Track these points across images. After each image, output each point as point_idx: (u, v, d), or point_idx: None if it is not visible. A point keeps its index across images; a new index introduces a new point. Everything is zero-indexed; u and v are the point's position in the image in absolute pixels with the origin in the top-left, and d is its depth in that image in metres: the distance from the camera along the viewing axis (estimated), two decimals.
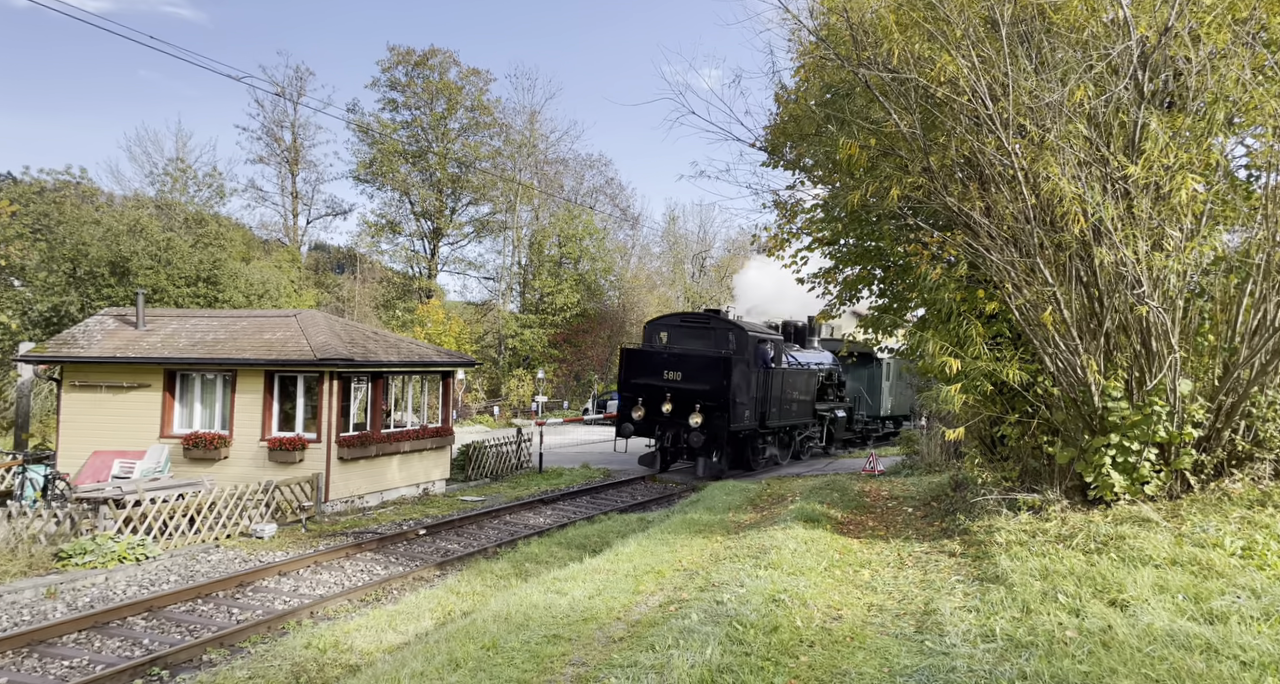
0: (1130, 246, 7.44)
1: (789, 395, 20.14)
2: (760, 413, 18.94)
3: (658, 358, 18.70)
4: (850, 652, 5.28)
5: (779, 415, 19.76)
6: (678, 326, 19.47)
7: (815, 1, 9.33)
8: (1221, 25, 7.19)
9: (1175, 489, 7.99)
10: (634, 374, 18.83)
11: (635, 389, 18.66)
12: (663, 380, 18.29)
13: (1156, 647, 4.89)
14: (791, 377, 20.34)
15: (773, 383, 19.15)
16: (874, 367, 27.30)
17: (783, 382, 19.71)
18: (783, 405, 19.85)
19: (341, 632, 7.14)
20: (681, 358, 18.44)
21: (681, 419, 17.96)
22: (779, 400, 19.60)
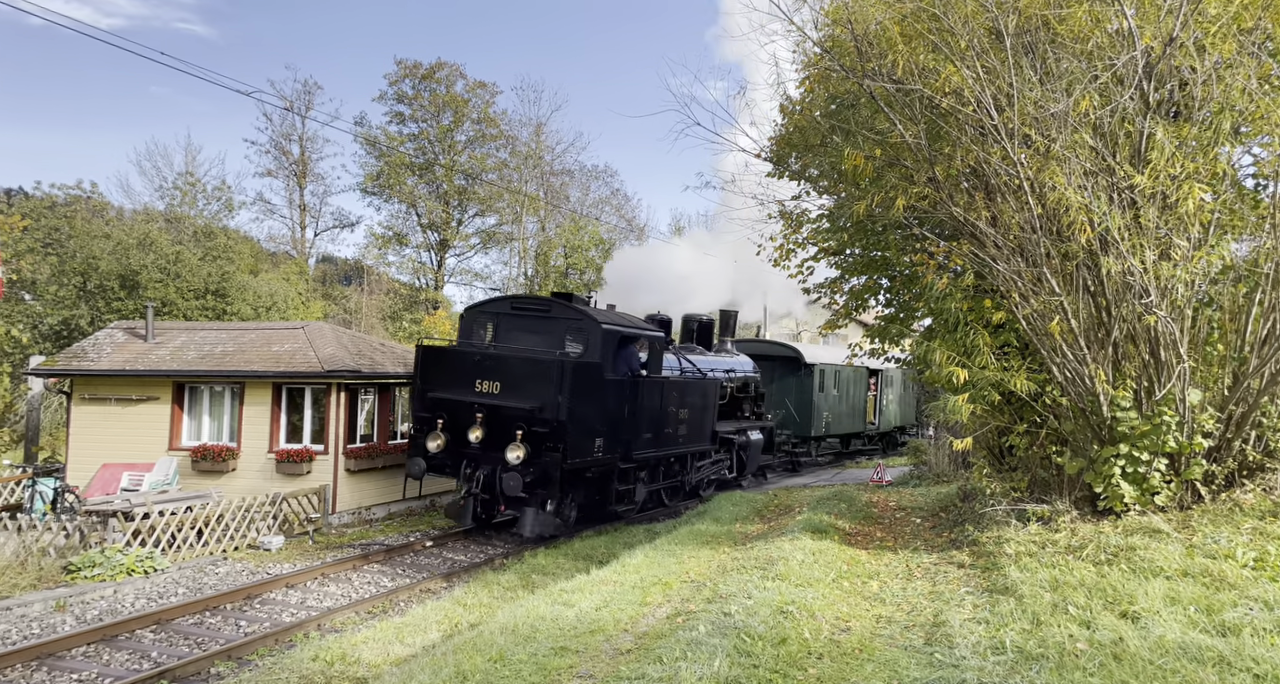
0: (1137, 256, 7.43)
1: (673, 414, 13.96)
2: (623, 440, 12.72)
3: (468, 360, 12.28)
4: (859, 664, 5.25)
5: (655, 442, 13.50)
6: (508, 315, 13.05)
7: (820, 13, 9.38)
8: (1227, 35, 7.20)
9: (1186, 500, 7.94)
10: (434, 384, 12.40)
11: (434, 406, 12.26)
12: (473, 394, 12.02)
13: (1168, 659, 4.84)
14: (678, 389, 14.13)
15: (645, 397, 12.95)
16: (803, 374, 21.47)
17: (663, 395, 13.54)
18: (662, 428, 13.63)
19: (349, 644, 7.13)
20: (501, 361, 12.08)
21: (498, 451, 11.61)
22: (656, 421, 13.38)
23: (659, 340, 13.84)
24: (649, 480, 14.04)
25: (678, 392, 14.22)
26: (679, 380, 14.44)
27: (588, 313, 12.61)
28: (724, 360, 17.58)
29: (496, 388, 11.97)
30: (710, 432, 15.70)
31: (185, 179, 39.20)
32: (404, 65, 46.00)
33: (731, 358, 18.08)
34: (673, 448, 14.31)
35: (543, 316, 12.86)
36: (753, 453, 17.47)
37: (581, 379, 11.76)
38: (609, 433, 12.41)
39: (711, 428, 15.72)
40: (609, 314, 13.43)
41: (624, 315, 14.09)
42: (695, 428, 15.04)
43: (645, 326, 13.89)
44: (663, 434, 13.80)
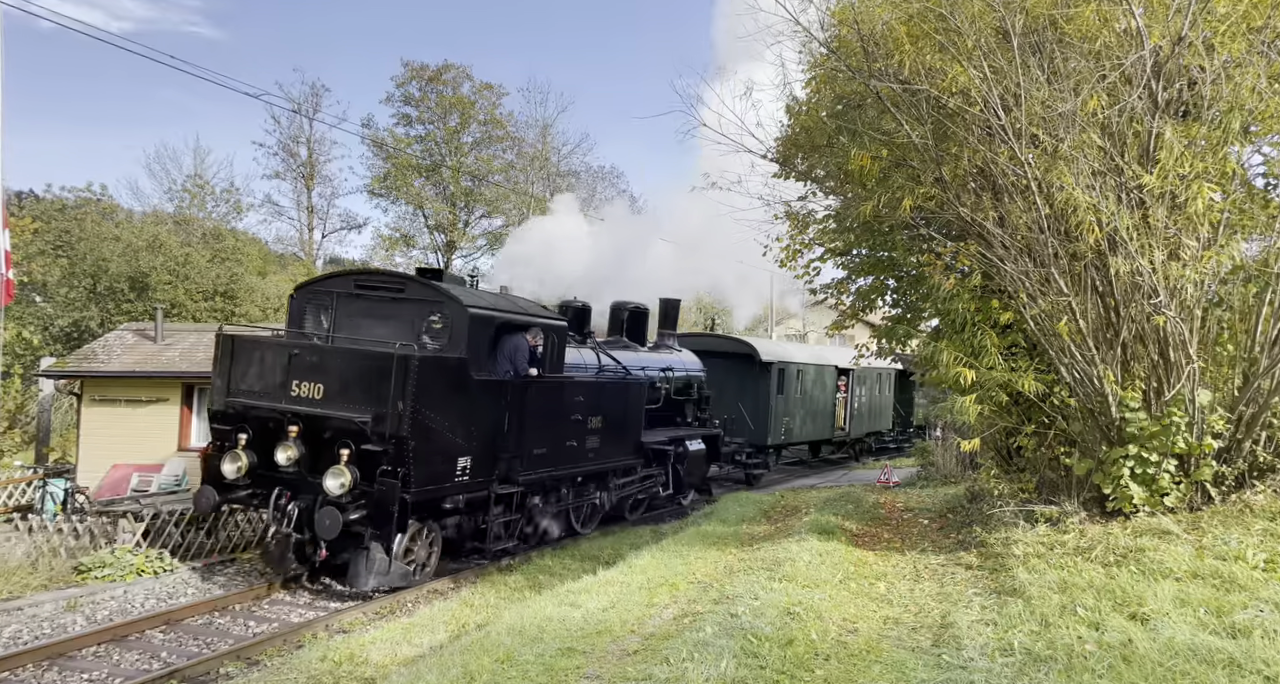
0: (1146, 256, 7.40)
1: (580, 423, 11.21)
2: (503, 458, 9.91)
3: (281, 355, 9.25)
4: (866, 665, 5.24)
5: (553, 459, 10.68)
6: (350, 296, 9.95)
7: (826, 14, 9.37)
8: (1236, 34, 7.16)
9: (1195, 501, 7.90)
10: (237, 386, 9.42)
11: (235, 416, 9.34)
12: (288, 399, 9.04)
13: (1178, 661, 4.82)
14: (588, 392, 11.36)
15: (537, 402, 10.29)
16: (758, 373, 18.34)
17: (565, 400, 10.85)
18: (563, 441, 10.89)
19: (357, 645, 7.15)
20: (325, 356, 9.09)
21: (319, 476, 8.75)
22: (554, 433, 10.70)
23: (558, 331, 10.78)
24: (547, 506, 11.08)
25: (588, 395, 11.28)
26: (590, 382, 11.56)
27: (450, 293, 9.47)
28: (660, 357, 14.78)
29: (319, 392, 8.90)
30: (636, 442, 12.67)
31: (194, 181, 39.42)
32: (411, 67, 46.15)
33: (671, 354, 15.28)
34: (580, 465, 11.29)
35: (395, 298, 9.73)
36: (692, 466, 14.44)
37: (435, 380, 8.71)
38: (480, 450, 9.37)
39: (637, 438, 12.66)
40: (483, 296, 10.29)
41: (509, 298, 11.00)
42: (614, 439, 11.98)
43: (539, 313, 10.79)
44: (564, 448, 10.83)
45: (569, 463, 11.17)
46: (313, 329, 10.20)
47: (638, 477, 13.28)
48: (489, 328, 9.84)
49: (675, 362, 15.23)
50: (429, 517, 9.37)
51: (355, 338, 9.66)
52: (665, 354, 15.21)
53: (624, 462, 12.69)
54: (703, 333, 23.07)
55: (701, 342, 18.27)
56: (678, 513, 14.27)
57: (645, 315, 15.30)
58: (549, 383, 10.62)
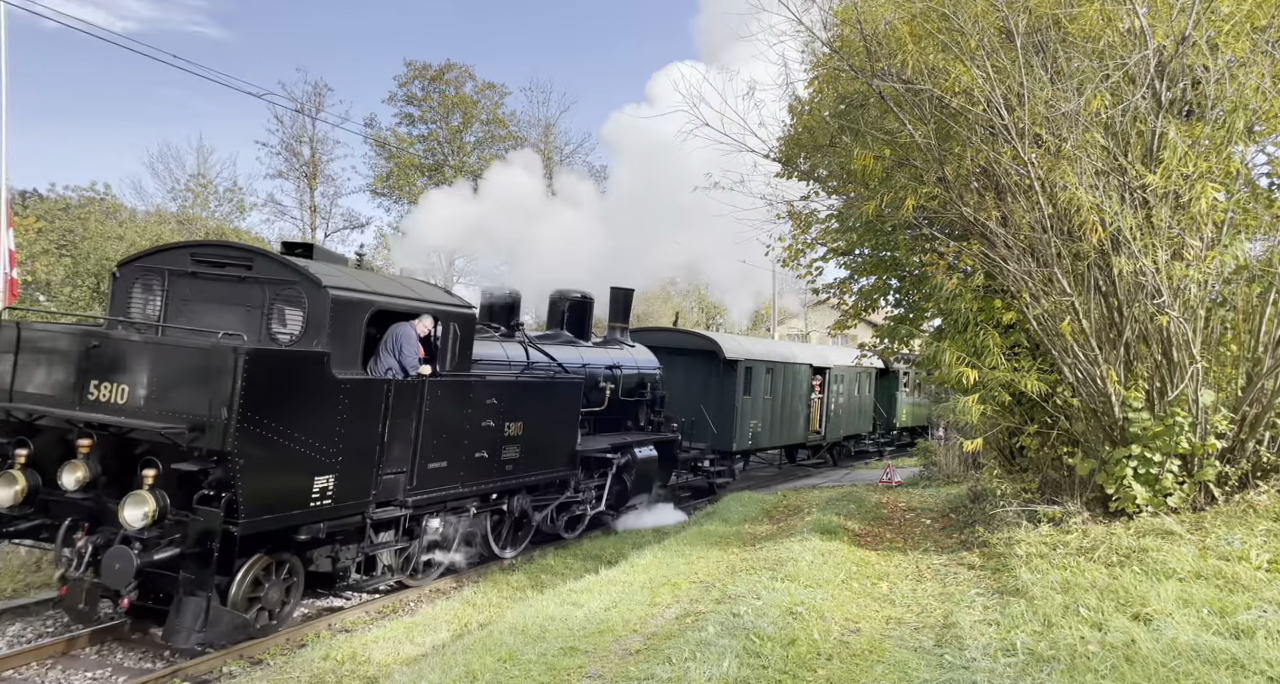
0: (1149, 256, 7.39)
1: (493, 431, 9.33)
2: (383, 475, 7.98)
3: (75, 348, 7.21)
4: (869, 665, 5.24)
5: (454, 474, 8.83)
6: (186, 275, 7.95)
7: (829, 13, 9.37)
8: (1240, 33, 7.15)
9: (1199, 501, 7.89)
10: (19, 388, 7.41)
11: (9, 429, 7.35)
12: (82, 405, 7.07)
13: (1181, 661, 4.82)
14: (504, 393, 9.44)
15: (432, 406, 8.38)
16: (723, 372, 16.69)
17: (471, 403, 8.95)
18: (470, 452, 9.00)
19: (359, 644, 7.16)
20: (129, 351, 7.06)
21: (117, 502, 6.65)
22: (455, 443, 8.77)
23: (462, 320, 8.79)
24: (449, 529, 9.19)
25: (505, 397, 9.34)
26: (506, 382, 9.60)
27: (307, 271, 7.45)
28: (607, 353, 13.02)
29: (124, 396, 6.98)
30: (569, 451, 10.81)
31: (197, 181, 39.48)
32: (414, 67, 46.19)
33: (620, 351, 13.54)
34: (493, 480, 9.40)
35: (241, 277, 7.69)
36: (640, 476, 12.62)
37: (277, 380, 6.81)
38: (349, 466, 7.44)
39: (571, 446, 10.82)
40: (358, 277, 8.15)
41: (396, 280, 9.13)
42: (540, 448, 10.11)
43: (437, 299, 8.74)
44: (471, 461, 8.95)
45: (478, 478, 9.19)
46: (141, 316, 8.03)
47: (575, 489, 11.36)
48: (360, 315, 7.71)
49: (625, 359, 13.42)
50: (282, 549, 7.28)
51: (185, 328, 7.44)
52: (614, 350, 13.40)
53: (554, 474, 10.70)
54: (660, 327, 20.97)
55: (659, 337, 16.74)
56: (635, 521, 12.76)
57: (589, 306, 13.47)
58: (449, 383, 8.59)
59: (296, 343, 7.53)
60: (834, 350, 24.10)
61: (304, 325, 7.56)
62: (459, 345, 8.91)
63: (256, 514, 6.76)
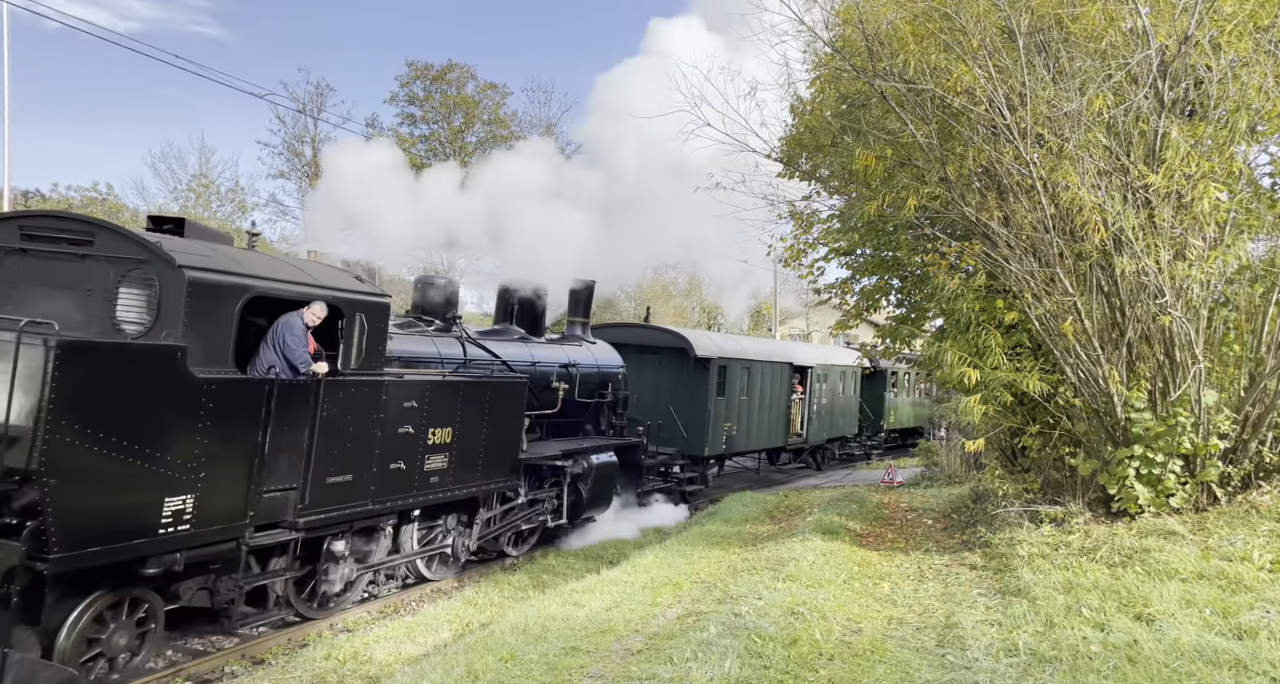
0: (1152, 256, 7.38)
1: (412, 440, 8.16)
2: (270, 493, 6.76)
3: None
4: (870, 665, 5.23)
5: (362, 489, 7.63)
6: (16, 252, 6.54)
7: (831, 13, 9.36)
8: (1242, 33, 7.14)
9: (1201, 502, 7.88)
10: None
11: None
12: None
13: (1184, 662, 4.81)
14: (426, 395, 8.29)
15: (324, 411, 7.14)
16: (694, 372, 15.53)
17: (381, 407, 7.77)
18: (383, 463, 7.87)
19: (361, 643, 7.17)
20: None
21: None
22: (360, 454, 7.58)
23: (370, 310, 7.47)
24: (359, 553, 8.06)
25: (429, 399, 8.16)
26: (432, 382, 8.30)
27: (159, 248, 6.15)
28: (561, 351, 11.90)
29: None
30: (512, 460, 9.59)
31: (199, 181, 39.52)
32: (415, 67, 46.22)
33: (579, 348, 12.44)
34: (413, 494, 8.18)
35: (80, 255, 6.38)
36: (598, 486, 11.39)
37: (110, 381, 5.61)
38: (215, 484, 6.22)
39: (515, 454, 9.61)
40: (227, 256, 6.63)
41: (284, 262, 7.77)
42: (474, 456, 8.96)
43: (335, 285, 7.38)
44: (385, 474, 7.75)
45: (393, 493, 7.91)
46: None
47: (523, 500, 10.21)
48: (229, 302, 6.38)
49: (583, 357, 12.30)
50: (130, 584, 6.07)
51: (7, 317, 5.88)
52: (571, 347, 12.29)
53: (493, 485, 9.44)
54: (625, 323, 19.69)
55: (624, 333, 15.74)
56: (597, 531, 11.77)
57: (542, 300, 12.20)
58: (354, 383, 7.31)
59: (147, 334, 6.14)
60: (816, 348, 23.20)
61: (155, 313, 6.17)
62: (368, 339, 7.51)
63: (77, 546, 5.41)
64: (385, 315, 7.84)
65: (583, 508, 11.38)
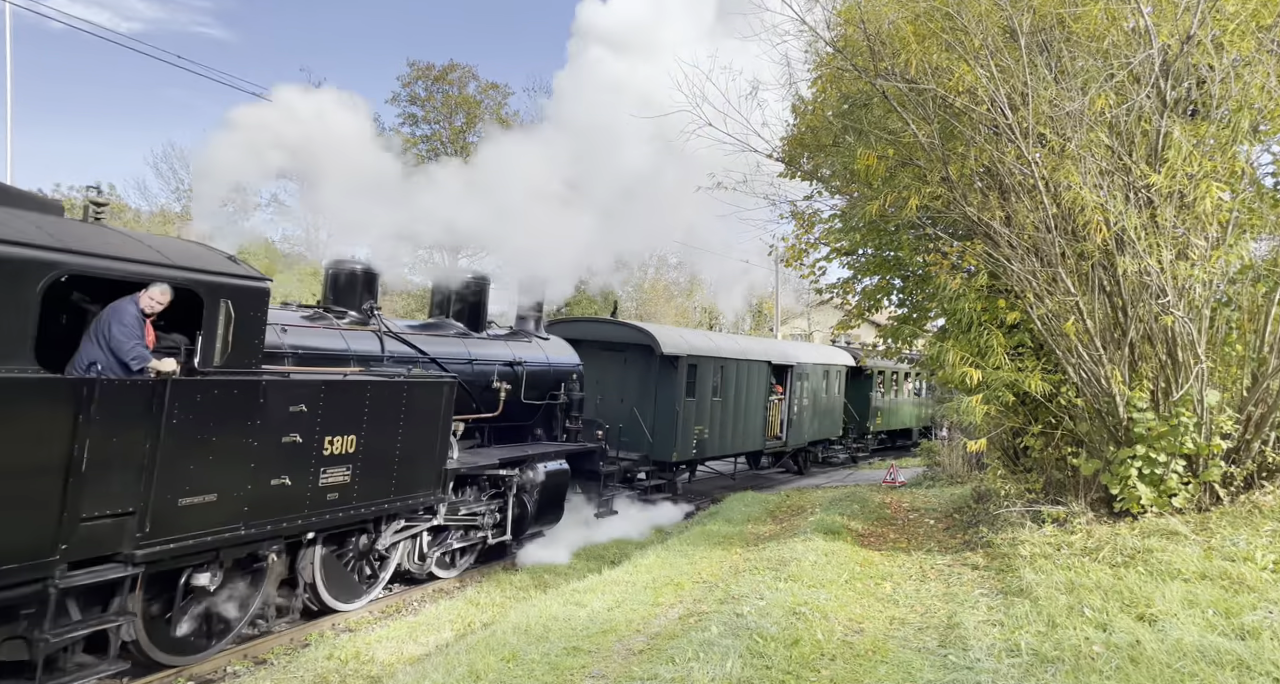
0: (1154, 256, 7.37)
1: (302, 450, 6.84)
2: (95, 520, 5.32)
3: None
4: (872, 666, 5.23)
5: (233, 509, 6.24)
6: None
7: (832, 13, 9.36)
8: (1245, 33, 7.13)
9: (1204, 502, 7.87)
10: None
11: None
12: None
13: (1186, 662, 4.80)
14: (321, 398, 6.99)
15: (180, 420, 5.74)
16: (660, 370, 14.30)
17: (257, 413, 6.36)
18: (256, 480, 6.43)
19: (363, 643, 7.17)
20: None
21: None
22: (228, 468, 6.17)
23: (241, 296, 6.25)
24: (235, 587, 6.86)
25: (321, 403, 6.97)
26: (325, 382, 7.10)
27: None
28: (506, 348, 10.77)
29: None
30: (436, 471, 8.41)
31: None
32: (417, 67, 46.23)
33: (527, 345, 11.33)
34: (304, 514, 6.96)
35: None
36: (546, 497, 10.32)
37: None
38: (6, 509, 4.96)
39: (440, 464, 8.46)
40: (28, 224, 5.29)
41: (123, 235, 6.24)
42: (387, 468, 7.81)
43: (190, 264, 6.06)
44: (266, 491, 6.52)
45: (276, 513, 6.66)
46: None
47: (451, 517, 9.05)
48: (26, 282, 5.11)
49: (532, 354, 11.17)
50: None
51: None
52: (519, 344, 11.18)
53: (411, 500, 8.21)
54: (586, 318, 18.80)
55: (583, 329, 14.75)
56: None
57: (483, 290, 10.92)
58: (217, 384, 6.06)
59: None
60: (798, 346, 22.08)
61: None
62: (237, 330, 6.21)
63: None
64: (261, 302, 6.52)
65: (528, 522, 10.22)
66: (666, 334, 15.22)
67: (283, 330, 7.49)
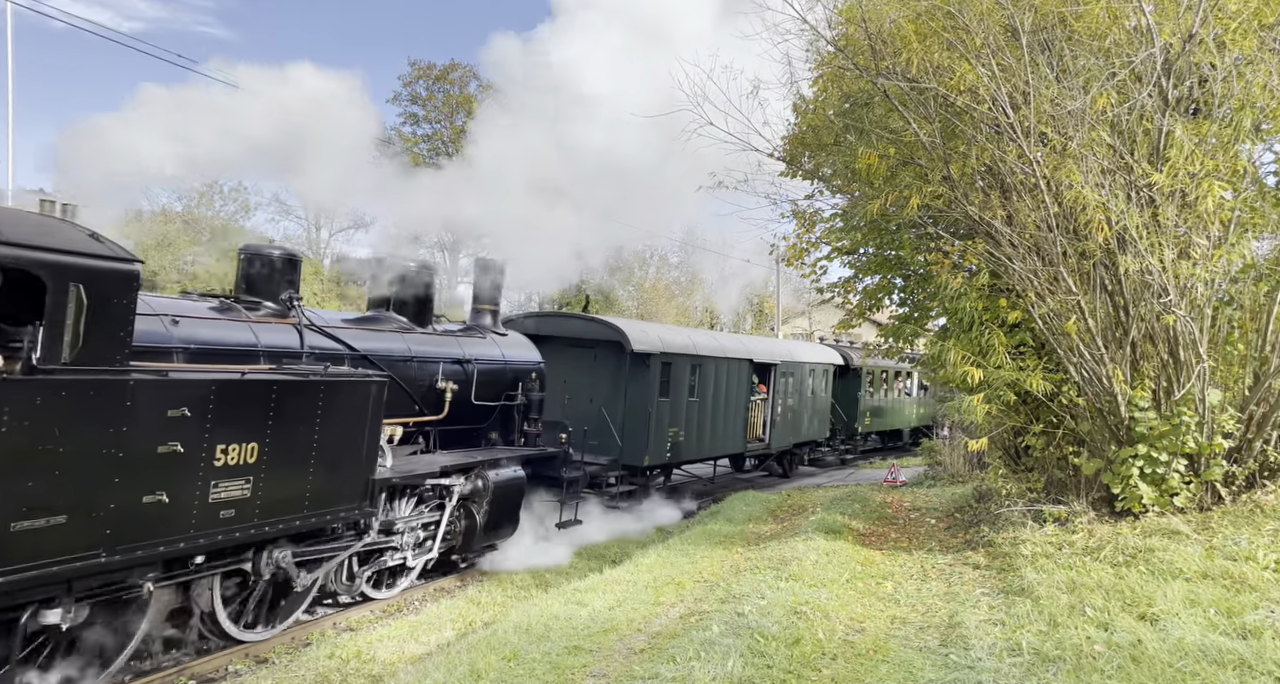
0: (1156, 255, 7.36)
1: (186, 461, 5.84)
2: None
3: None
4: (873, 665, 5.23)
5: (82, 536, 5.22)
6: None
7: (834, 12, 9.35)
8: (1247, 31, 7.12)
9: (1205, 501, 7.86)
10: None
11: None
12: None
13: (1188, 661, 4.80)
14: (214, 401, 6.00)
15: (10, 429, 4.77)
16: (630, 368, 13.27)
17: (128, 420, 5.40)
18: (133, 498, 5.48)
19: (364, 642, 7.18)
20: None
21: None
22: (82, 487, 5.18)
23: (98, 279, 5.30)
24: (103, 621, 5.90)
25: (210, 405, 6.03)
26: (202, 383, 6.02)
27: None
28: (455, 344, 9.81)
29: None
30: (361, 482, 7.58)
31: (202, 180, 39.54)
32: (418, 67, 46.28)
33: (480, 341, 10.32)
34: (192, 536, 6.02)
35: None
36: (499, 507, 9.36)
37: None
38: None
39: (367, 474, 7.62)
40: None
41: None
42: (299, 480, 6.90)
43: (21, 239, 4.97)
44: (136, 511, 5.60)
45: (149, 536, 5.72)
46: None
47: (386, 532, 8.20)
48: None
49: (485, 351, 10.16)
50: None
51: None
52: (471, 340, 10.16)
53: (328, 515, 7.26)
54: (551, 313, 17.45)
55: (549, 324, 13.82)
56: None
57: (429, 281, 9.78)
58: (65, 383, 5.14)
59: None
60: (782, 344, 21.04)
61: None
62: (91, 320, 5.26)
63: None
64: (126, 287, 5.49)
65: (477, 535, 9.24)
66: (638, 330, 14.13)
67: (173, 322, 6.48)
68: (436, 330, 9.85)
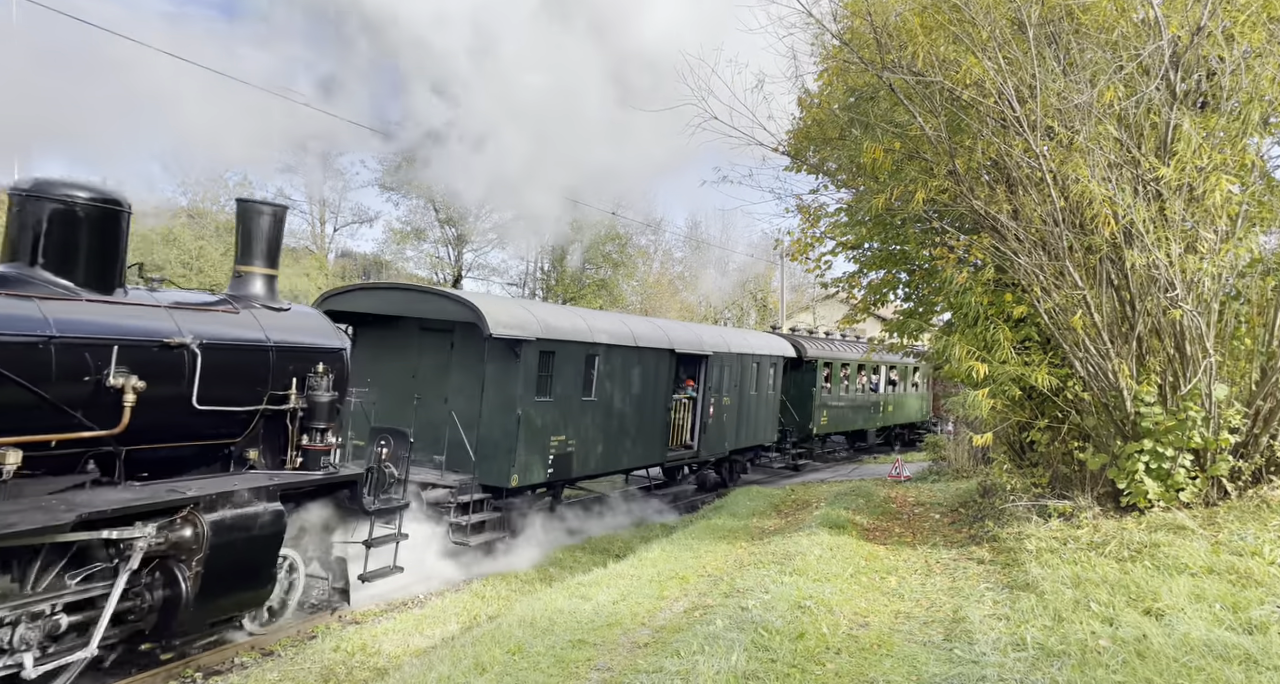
0: (1163, 249, 7.33)
1: None
2: None
3: None
4: (878, 659, 5.23)
5: None
6: None
7: (839, 5, 9.30)
8: (1256, 24, 7.07)
9: (1211, 496, 7.83)
10: None
11: None
12: None
13: (1193, 657, 4.79)
14: None
15: None
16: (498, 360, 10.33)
17: None
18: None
19: (369, 635, 7.21)
20: None
21: None
22: None
23: None
24: None
25: None
26: None
27: None
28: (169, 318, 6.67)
29: None
30: None
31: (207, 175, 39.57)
32: None
33: (226, 315, 7.18)
34: None
35: None
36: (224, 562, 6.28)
37: None
38: None
39: None
40: None
41: None
42: None
43: None
44: None
45: None
46: None
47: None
48: None
49: (225, 329, 7.02)
50: None
51: None
52: (198, 314, 6.96)
53: None
54: (388, 284, 13.73)
55: (390, 301, 10.84)
56: None
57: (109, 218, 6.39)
58: None
59: None
60: (714, 331, 17.54)
61: None
62: None
63: None
64: None
65: (184, 609, 6.08)
66: (501, 309, 10.61)
67: None
68: (124, 298, 6.53)
